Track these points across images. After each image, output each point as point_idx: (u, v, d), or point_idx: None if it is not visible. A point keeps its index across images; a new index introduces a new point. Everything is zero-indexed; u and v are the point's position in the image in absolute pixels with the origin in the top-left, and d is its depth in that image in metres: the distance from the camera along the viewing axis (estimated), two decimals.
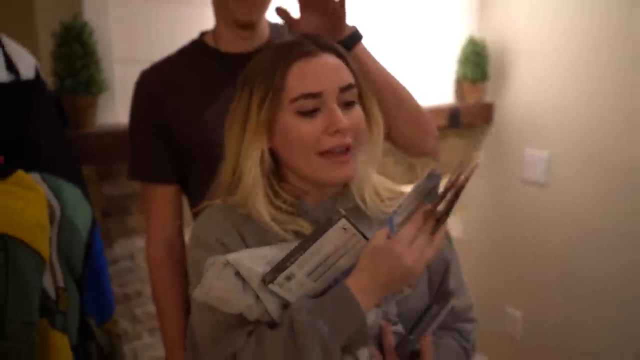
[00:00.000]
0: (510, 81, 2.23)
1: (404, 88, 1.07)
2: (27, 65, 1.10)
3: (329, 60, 0.79)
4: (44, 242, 0.99)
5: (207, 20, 1.51)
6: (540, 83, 2.13)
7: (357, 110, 0.81)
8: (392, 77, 1.06)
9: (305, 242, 0.72)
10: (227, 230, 0.80)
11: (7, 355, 0.92)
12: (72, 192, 1.12)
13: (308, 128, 0.77)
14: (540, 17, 2.08)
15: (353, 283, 0.72)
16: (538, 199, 2.19)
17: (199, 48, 1.14)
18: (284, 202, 0.81)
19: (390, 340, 0.78)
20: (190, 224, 1.15)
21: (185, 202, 1.20)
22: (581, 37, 1.97)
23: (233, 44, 1.09)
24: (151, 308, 1.59)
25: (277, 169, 0.83)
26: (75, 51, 1.25)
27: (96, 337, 1.20)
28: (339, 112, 0.77)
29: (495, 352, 2.38)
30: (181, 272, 1.16)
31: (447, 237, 0.90)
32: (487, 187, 2.37)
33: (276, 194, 0.81)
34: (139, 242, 1.54)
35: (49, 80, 1.27)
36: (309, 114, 0.77)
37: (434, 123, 1.11)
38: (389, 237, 0.71)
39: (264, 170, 0.80)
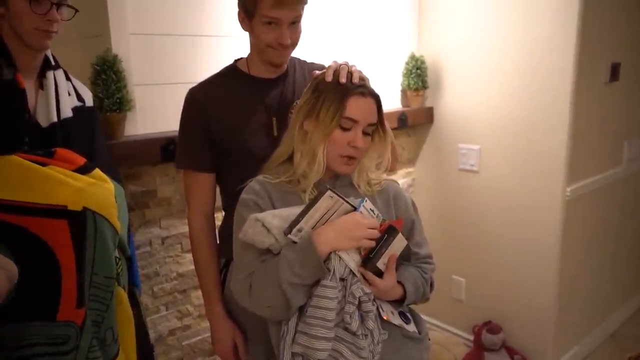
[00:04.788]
0: (446, 89, 2.52)
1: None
2: (87, 95, 1.31)
3: (370, 103, 1.17)
4: (116, 219, 1.22)
5: (202, 51, 1.83)
6: (470, 90, 2.41)
7: (369, 139, 1.20)
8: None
9: (309, 206, 1.09)
10: (262, 196, 1.18)
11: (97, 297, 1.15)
12: (118, 188, 1.32)
13: (341, 137, 1.15)
14: (467, 36, 2.37)
15: (315, 233, 1.07)
16: (472, 184, 2.48)
17: (234, 72, 1.38)
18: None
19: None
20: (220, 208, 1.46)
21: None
22: (500, 52, 2.26)
23: (263, 72, 1.37)
24: (167, 286, 1.87)
25: None
26: (110, 77, 1.53)
27: (140, 304, 1.42)
28: (360, 136, 1.15)
29: (444, 313, 2.67)
30: (214, 237, 1.42)
31: (414, 206, 1.31)
32: (430, 175, 2.66)
33: None
34: (156, 231, 1.81)
35: None
36: (345, 129, 1.15)
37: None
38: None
39: None
